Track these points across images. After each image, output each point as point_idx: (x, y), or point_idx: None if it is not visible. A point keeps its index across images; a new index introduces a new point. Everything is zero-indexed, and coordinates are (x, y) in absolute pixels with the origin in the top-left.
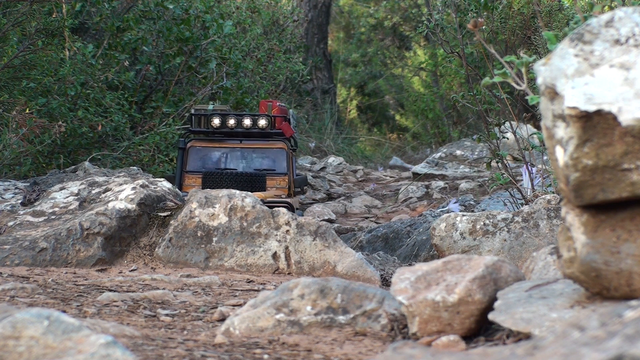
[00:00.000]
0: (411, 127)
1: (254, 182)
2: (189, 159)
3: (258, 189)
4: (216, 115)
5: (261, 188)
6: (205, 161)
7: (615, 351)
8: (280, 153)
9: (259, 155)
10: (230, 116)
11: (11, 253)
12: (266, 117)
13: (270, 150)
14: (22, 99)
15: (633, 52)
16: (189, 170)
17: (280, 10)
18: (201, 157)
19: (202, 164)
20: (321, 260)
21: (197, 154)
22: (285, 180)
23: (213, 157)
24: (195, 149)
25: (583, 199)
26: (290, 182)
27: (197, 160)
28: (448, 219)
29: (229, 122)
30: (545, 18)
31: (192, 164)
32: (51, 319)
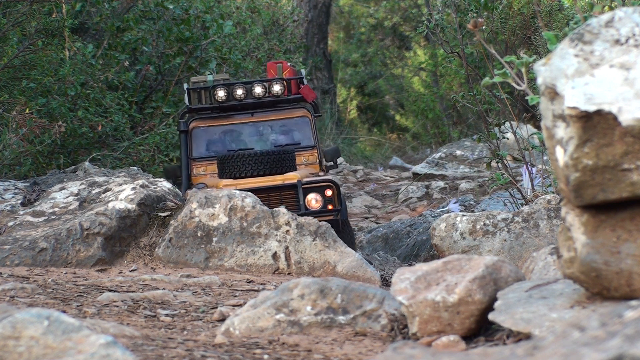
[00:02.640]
0: (411, 127)
1: (283, 161)
2: (193, 144)
3: (288, 169)
4: (220, 87)
5: (291, 167)
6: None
7: (615, 351)
8: (303, 122)
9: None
10: (237, 85)
11: (11, 253)
12: (280, 81)
13: (290, 120)
14: (22, 99)
15: (633, 52)
16: (196, 157)
17: (280, 10)
18: (208, 139)
19: (210, 148)
20: (321, 260)
21: (202, 136)
22: (315, 154)
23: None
24: (199, 130)
25: (583, 199)
26: (321, 155)
27: (203, 143)
28: (448, 219)
29: (237, 92)
30: (545, 18)
31: (198, 149)
32: (51, 319)
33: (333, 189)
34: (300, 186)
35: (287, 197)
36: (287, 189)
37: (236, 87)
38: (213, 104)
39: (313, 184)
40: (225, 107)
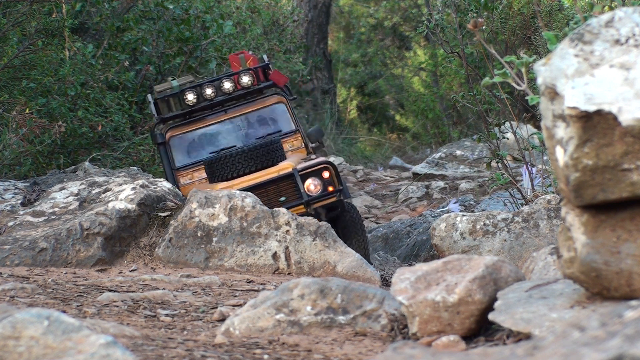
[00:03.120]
0: (411, 127)
1: (271, 153)
2: (174, 154)
3: (278, 159)
4: (188, 90)
5: (281, 157)
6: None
7: (615, 351)
8: (280, 109)
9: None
10: (205, 85)
11: (11, 253)
12: (247, 71)
13: (266, 109)
14: (22, 99)
15: (633, 52)
16: (180, 166)
17: (280, 10)
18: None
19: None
20: (321, 260)
21: (180, 144)
22: (299, 139)
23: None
24: (176, 138)
25: (583, 199)
26: (305, 139)
27: (184, 151)
28: (448, 219)
29: (206, 92)
30: (545, 18)
31: (180, 158)
32: (51, 319)
33: (330, 170)
34: (297, 174)
35: (286, 187)
36: (284, 180)
37: (205, 87)
38: (184, 109)
39: (309, 168)
40: (197, 110)
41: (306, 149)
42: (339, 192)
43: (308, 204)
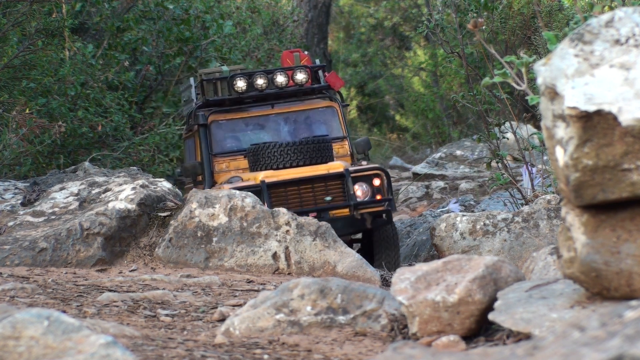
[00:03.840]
0: (411, 127)
1: (321, 151)
2: (213, 139)
3: (327, 159)
4: (239, 76)
5: (329, 157)
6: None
7: (615, 351)
8: (330, 113)
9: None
10: (257, 75)
11: (11, 253)
12: (304, 69)
13: (316, 111)
14: (22, 99)
15: (633, 52)
16: (217, 152)
17: (280, 10)
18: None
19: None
20: (321, 260)
21: (221, 129)
22: (345, 147)
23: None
24: (218, 123)
25: (583, 199)
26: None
27: (223, 138)
28: (448, 219)
29: (257, 82)
30: (545, 18)
31: (219, 144)
32: (51, 319)
33: (382, 178)
34: (348, 175)
35: (333, 187)
36: (333, 179)
37: (257, 77)
38: (232, 95)
39: (361, 172)
40: (245, 99)
41: (351, 159)
42: (387, 202)
43: (355, 208)
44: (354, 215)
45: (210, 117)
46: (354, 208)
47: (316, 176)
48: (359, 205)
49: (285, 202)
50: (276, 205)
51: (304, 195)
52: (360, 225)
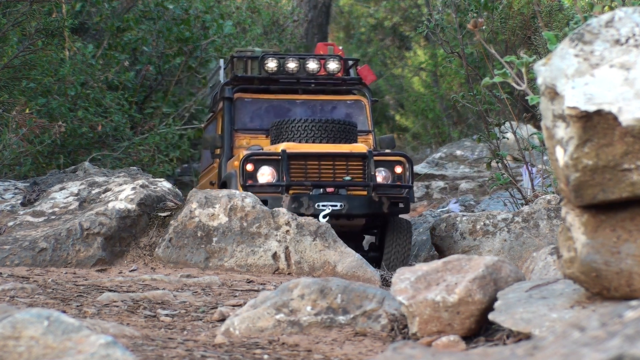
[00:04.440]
0: (411, 127)
1: (347, 133)
2: (236, 115)
3: (349, 141)
4: (271, 57)
5: (353, 140)
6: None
7: (615, 351)
8: (358, 106)
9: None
10: (289, 58)
11: (11, 253)
12: (338, 59)
13: (344, 103)
14: (22, 99)
15: (633, 52)
16: (239, 128)
17: (280, 10)
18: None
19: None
20: (321, 260)
21: (246, 107)
22: (369, 141)
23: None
24: (244, 101)
25: (583, 199)
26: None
27: (246, 115)
28: (448, 219)
29: (289, 65)
30: (545, 18)
31: (242, 121)
32: (51, 319)
33: (404, 167)
34: (371, 157)
35: (354, 168)
36: (355, 158)
37: (288, 60)
38: (261, 75)
39: (384, 156)
40: (274, 80)
41: None
42: (407, 189)
43: (373, 189)
44: (371, 196)
45: (237, 93)
46: (372, 189)
47: (338, 153)
48: (379, 187)
49: (303, 175)
50: (294, 177)
51: (324, 170)
52: (377, 207)
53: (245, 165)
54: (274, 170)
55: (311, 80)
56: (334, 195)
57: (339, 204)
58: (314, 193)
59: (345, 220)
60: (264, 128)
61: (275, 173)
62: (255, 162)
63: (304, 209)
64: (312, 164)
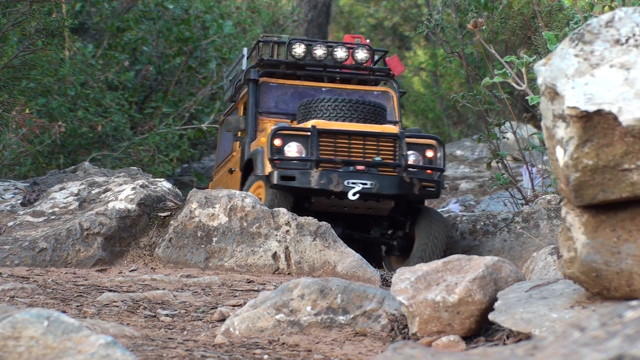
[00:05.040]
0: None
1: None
2: (260, 98)
3: (380, 122)
4: (299, 42)
5: (382, 122)
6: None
7: (615, 351)
8: (385, 97)
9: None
10: (317, 44)
11: (11, 253)
12: (367, 48)
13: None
14: (22, 99)
15: (633, 52)
16: (264, 111)
17: (280, 10)
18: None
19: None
20: (321, 260)
21: (271, 91)
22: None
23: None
24: (269, 85)
25: (583, 199)
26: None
27: (271, 100)
28: (448, 219)
29: (316, 51)
30: (545, 18)
31: (266, 104)
32: (51, 319)
33: (435, 151)
34: (403, 138)
35: (385, 148)
36: (386, 138)
37: (317, 46)
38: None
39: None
40: (301, 66)
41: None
42: (439, 173)
43: (404, 170)
44: (402, 176)
45: (262, 77)
46: (403, 169)
47: (369, 132)
48: (410, 168)
49: (333, 152)
50: (324, 154)
51: (354, 149)
52: (407, 188)
53: (273, 139)
54: (302, 147)
55: (339, 68)
56: (364, 173)
57: (369, 182)
58: (344, 170)
59: (373, 201)
60: (288, 112)
61: (304, 150)
62: (283, 137)
63: (333, 186)
64: (342, 142)
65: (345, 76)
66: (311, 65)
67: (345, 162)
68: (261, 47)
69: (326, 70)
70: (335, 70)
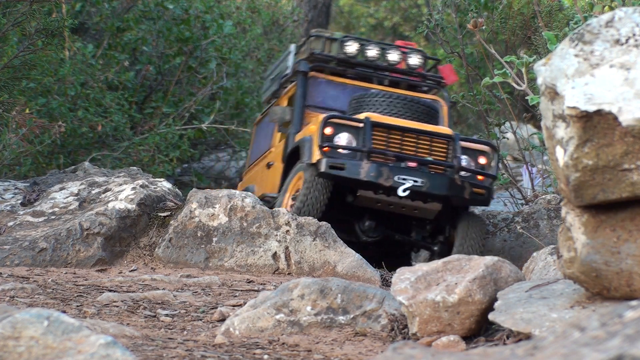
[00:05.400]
0: None
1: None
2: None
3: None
4: (352, 39)
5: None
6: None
7: (615, 351)
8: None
9: None
10: (371, 44)
11: (11, 253)
12: (421, 53)
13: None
14: (22, 99)
15: (633, 52)
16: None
17: (280, 10)
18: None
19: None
20: (321, 260)
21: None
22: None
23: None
24: (317, 80)
25: (583, 199)
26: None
27: (318, 95)
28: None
29: (369, 52)
30: (545, 18)
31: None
32: (51, 319)
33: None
34: (457, 139)
35: (437, 148)
36: (440, 138)
37: (370, 46)
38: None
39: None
40: (352, 64)
41: None
42: (493, 179)
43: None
44: (454, 178)
45: (312, 71)
46: (455, 170)
47: (423, 130)
48: (462, 170)
49: (385, 145)
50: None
51: (406, 145)
52: (458, 191)
53: (325, 127)
54: (353, 138)
55: (390, 71)
56: (416, 170)
57: (420, 180)
58: (395, 165)
59: (421, 202)
60: (335, 109)
61: (354, 141)
62: (335, 126)
63: (383, 179)
64: (395, 137)
65: (396, 79)
66: (362, 65)
67: (398, 156)
68: (313, 41)
69: (377, 71)
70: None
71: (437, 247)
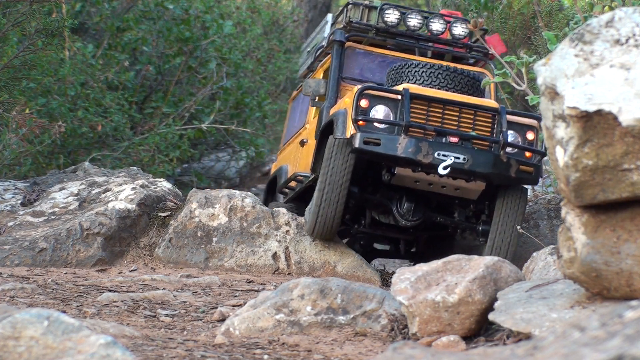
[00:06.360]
0: None
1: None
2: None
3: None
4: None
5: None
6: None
7: (615, 351)
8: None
9: None
10: (412, 13)
11: (11, 253)
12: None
13: None
14: (22, 99)
15: (633, 52)
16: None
17: (280, 10)
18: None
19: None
20: (321, 260)
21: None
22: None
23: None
24: (353, 51)
25: (583, 199)
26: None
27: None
28: None
29: (410, 21)
30: (545, 18)
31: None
32: (51, 319)
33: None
34: (504, 113)
35: (481, 122)
36: (484, 111)
37: (411, 15)
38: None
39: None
40: (392, 34)
41: None
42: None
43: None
44: (500, 154)
45: (349, 41)
46: (501, 146)
47: (466, 103)
48: (509, 146)
49: (425, 119)
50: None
51: (447, 119)
52: (504, 168)
53: (359, 99)
54: (390, 111)
55: (433, 41)
56: (457, 146)
57: (462, 157)
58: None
59: (463, 180)
60: (373, 82)
61: (391, 115)
62: (371, 99)
63: (422, 156)
64: (435, 111)
65: (439, 50)
66: (403, 35)
67: (438, 131)
68: (351, 9)
69: (419, 42)
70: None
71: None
